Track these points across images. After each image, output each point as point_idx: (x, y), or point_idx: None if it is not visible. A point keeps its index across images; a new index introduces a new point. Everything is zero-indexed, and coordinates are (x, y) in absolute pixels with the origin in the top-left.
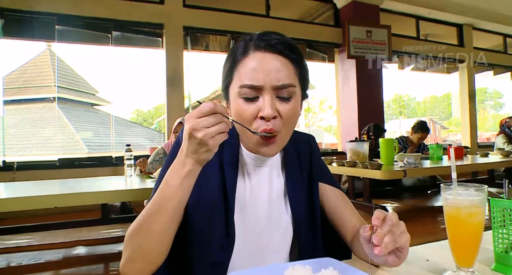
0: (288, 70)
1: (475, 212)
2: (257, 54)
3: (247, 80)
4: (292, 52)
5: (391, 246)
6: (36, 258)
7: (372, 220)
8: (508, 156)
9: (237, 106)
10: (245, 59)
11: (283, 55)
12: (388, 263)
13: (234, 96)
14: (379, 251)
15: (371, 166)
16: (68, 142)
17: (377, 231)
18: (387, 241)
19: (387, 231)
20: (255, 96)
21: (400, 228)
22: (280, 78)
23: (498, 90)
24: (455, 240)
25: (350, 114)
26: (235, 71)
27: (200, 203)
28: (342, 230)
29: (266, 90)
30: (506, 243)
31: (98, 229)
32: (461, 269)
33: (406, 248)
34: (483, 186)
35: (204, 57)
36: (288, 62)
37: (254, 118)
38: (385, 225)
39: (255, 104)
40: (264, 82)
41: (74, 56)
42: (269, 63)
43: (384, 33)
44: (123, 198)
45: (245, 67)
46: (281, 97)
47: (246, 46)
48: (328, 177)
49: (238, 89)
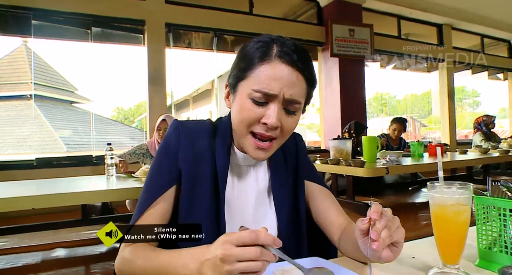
0: (301, 88)
1: (461, 210)
2: (278, 64)
3: (263, 87)
4: (310, 73)
5: (388, 241)
6: (13, 262)
7: (371, 214)
8: (486, 153)
9: (244, 105)
10: (265, 65)
11: (301, 74)
12: (382, 258)
13: (244, 94)
14: (377, 246)
15: (354, 163)
16: (46, 141)
17: (375, 225)
18: (384, 236)
19: (384, 226)
20: (264, 102)
21: (395, 223)
22: (292, 93)
23: (475, 89)
24: (441, 238)
25: (333, 112)
26: (251, 71)
27: (193, 201)
28: (328, 229)
29: (277, 100)
30: (489, 240)
31: (78, 230)
32: (447, 266)
33: (401, 243)
34: (468, 184)
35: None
36: (303, 81)
37: (256, 121)
38: (382, 220)
39: (262, 109)
40: (278, 92)
41: (52, 53)
42: (288, 77)
43: (366, 32)
44: (105, 198)
45: (265, 73)
46: (287, 110)
47: (268, 51)
48: (314, 176)
49: (251, 90)
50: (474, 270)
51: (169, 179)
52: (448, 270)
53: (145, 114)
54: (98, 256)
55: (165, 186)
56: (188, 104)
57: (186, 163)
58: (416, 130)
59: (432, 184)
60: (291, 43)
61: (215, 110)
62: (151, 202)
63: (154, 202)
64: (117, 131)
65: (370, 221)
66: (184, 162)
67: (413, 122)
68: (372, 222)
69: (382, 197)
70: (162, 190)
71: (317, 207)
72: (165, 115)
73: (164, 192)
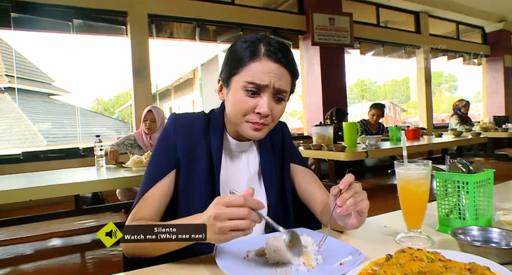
0: (286, 80)
1: (422, 183)
2: (266, 61)
3: (256, 79)
4: (292, 66)
5: (352, 209)
6: (12, 252)
7: (340, 184)
8: (459, 136)
9: (239, 97)
10: (255, 62)
11: (285, 68)
12: (348, 224)
13: (238, 87)
14: (340, 211)
15: (335, 148)
16: (24, 135)
17: (342, 194)
18: (349, 204)
19: (351, 196)
20: (256, 93)
21: (362, 195)
22: (280, 84)
23: (453, 73)
24: (406, 207)
25: (314, 99)
26: (243, 68)
27: (190, 184)
28: (312, 204)
29: (268, 90)
30: (447, 208)
31: (71, 220)
32: (411, 231)
33: (365, 213)
34: (428, 162)
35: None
36: (288, 73)
37: (251, 111)
38: (350, 190)
39: (255, 99)
40: (268, 83)
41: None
42: (276, 71)
43: (346, 20)
44: (98, 187)
45: (256, 69)
46: (276, 99)
47: (256, 50)
48: (299, 159)
49: (244, 82)
50: (435, 234)
51: (169, 165)
52: (412, 234)
53: (126, 105)
54: (92, 244)
55: (164, 171)
56: (170, 94)
57: (184, 151)
58: (397, 115)
59: (399, 162)
60: (275, 42)
61: (198, 99)
62: (153, 185)
63: (154, 185)
64: (99, 123)
65: (339, 190)
66: (182, 150)
67: (394, 107)
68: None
69: (363, 179)
70: (162, 175)
71: (302, 186)
72: (150, 106)
73: (164, 176)
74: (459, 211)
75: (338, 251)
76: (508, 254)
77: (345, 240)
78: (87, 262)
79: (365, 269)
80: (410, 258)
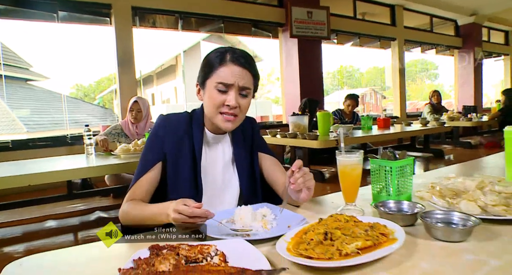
0: (249, 79)
1: (355, 167)
2: (231, 65)
3: (224, 80)
4: (253, 69)
5: (302, 185)
6: (11, 233)
7: (292, 166)
8: (426, 125)
9: (212, 95)
10: (223, 66)
11: (247, 70)
12: (300, 198)
13: (211, 87)
14: (293, 187)
15: (308, 136)
16: (2, 121)
17: (294, 174)
18: (299, 182)
19: (301, 176)
20: (225, 91)
21: (309, 176)
22: (244, 83)
23: (434, 61)
24: (344, 186)
25: (293, 89)
26: (214, 72)
27: (177, 170)
28: (275, 185)
29: (234, 88)
30: (379, 187)
31: (63, 204)
32: (348, 204)
33: (312, 189)
34: (360, 151)
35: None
36: (249, 74)
37: (222, 105)
38: (300, 172)
39: (224, 96)
40: (234, 82)
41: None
42: (239, 72)
43: (323, 14)
44: (89, 173)
45: (224, 72)
46: (242, 94)
47: (223, 57)
48: (266, 148)
49: (215, 83)
50: (369, 207)
51: (157, 157)
52: (349, 207)
53: (108, 90)
54: (83, 225)
55: (153, 161)
56: (152, 80)
57: (170, 145)
58: (378, 102)
59: (339, 152)
60: (239, 51)
61: (180, 86)
62: (144, 173)
63: (145, 172)
64: (79, 109)
65: (292, 172)
66: (168, 144)
67: (375, 95)
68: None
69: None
70: (151, 165)
71: (267, 171)
72: (136, 97)
73: (153, 166)
74: (386, 189)
75: (290, 219)
76: (409, 218)
77: (300, 212)
78: (80, 240)
79: (303, 228)
80: (334, 220)
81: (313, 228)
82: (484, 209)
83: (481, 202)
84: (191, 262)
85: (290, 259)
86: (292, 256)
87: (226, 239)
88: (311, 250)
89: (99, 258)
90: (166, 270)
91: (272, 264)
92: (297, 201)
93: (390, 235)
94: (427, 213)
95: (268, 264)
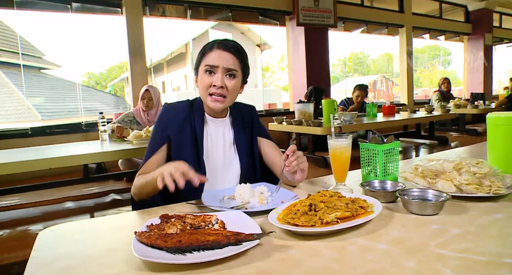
0: (234, 61)
1: (344, 150)
2: (217, 50)
3: (210, 62)
4: (239, 53)
5: (296, 168)
6: (32, 213)
7: (287, 151)
8: (431, 112)
9: (202, 77)
10: (211, 52)
11: (231, 53)
12: (295, 179)
13: (201, 71)
14: (288, 169)
15: (313, 124)
16: (18, 109)
17: (289, 157)
18: (294, 164)
19: (295, 159)
20: (212, 72)
21: (303, 159)
22: (229, 64)
23: (447, 47)
24: (334, 168)
25: (299, 77)
26: (203, 58)
27: (182, 152)
28: (273, 168)
29: (219, 69)
30: (368, 169)
31: (79, 187)
32: (338, 184)
33: (305, 170)
34: (349, 135)
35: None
36: (235, 58)
37: (210, 85)
38: (294, 155)
39: (212, 77)
40: (219, 64)
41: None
42: (224, 56)
43: (330, 1)
44: (105, 158)
45: (211, 56)
46: (228, 75)
47: (212, 45)
48: (265, 133)
49: (204, 67)
50: (358, 187)
51: (162, 140)
52: (339, 186)
53: (119, 78)
54: (98, 206)
55: (159, 145)
56: (162, 68)
57: (173, 129)
58: (389, 89)
59: (330, 136)
60: (226, 39)
61: (190, 74)
62: (151, 154)
63: (153, 154)
64: (91, 97)
65: (287, 155)
66: (171, 129)
67: (386, 82)
68: (287, 156)
69: None
70: (157, 148)
71: (267, 154)
72: (147, 86)
73: (159, 148)
74: (374, 170)
75: (284, 196)
76: (390, 195)
77: (295, 191)
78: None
79: (294, 202)
80: (320, 195)
81: (300, 202)
82: (459, 187)
83: (456, 181)
84: (195, 228)
85: (279, 226)
86: (281, 223)
87: (226, 211)
88: (297, 219)
89: (119, 226)
90: (174, 233)
91: (264, 231)
92: (293, 182)
93: (368, 208)
94: (405, 190)
95: (260, 230)
